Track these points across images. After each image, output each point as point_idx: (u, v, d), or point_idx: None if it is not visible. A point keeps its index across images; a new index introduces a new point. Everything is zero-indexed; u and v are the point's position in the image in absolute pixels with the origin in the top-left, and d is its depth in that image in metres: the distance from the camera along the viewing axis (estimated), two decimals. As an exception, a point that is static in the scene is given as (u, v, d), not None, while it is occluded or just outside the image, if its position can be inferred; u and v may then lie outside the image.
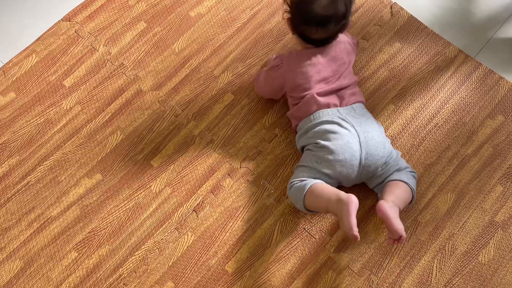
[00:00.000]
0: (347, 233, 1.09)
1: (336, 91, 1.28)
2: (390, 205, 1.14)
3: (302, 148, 1.32)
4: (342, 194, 1.13)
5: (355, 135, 1.22)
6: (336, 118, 1.25)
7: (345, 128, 1.23)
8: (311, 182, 1.21)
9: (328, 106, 1.27)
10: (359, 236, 1.08)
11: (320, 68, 1.28)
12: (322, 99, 1.27)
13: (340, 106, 1.27)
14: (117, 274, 1.26)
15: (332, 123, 1.24)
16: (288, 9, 1.27)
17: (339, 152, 1.21)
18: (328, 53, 1.29)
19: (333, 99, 1.27)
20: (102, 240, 1.29)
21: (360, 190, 1.32)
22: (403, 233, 1.12)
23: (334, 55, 1.29)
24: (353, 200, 1.10)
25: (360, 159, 1.21)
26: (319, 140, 1.24)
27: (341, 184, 1.27)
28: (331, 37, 1.28)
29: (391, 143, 1.38)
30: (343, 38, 1.33)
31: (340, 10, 1.21)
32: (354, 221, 1.08)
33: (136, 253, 1.28)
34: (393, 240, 1.14)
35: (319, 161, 1.23)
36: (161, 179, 1.36)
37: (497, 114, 1.43)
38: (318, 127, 1.25)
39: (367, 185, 1.30)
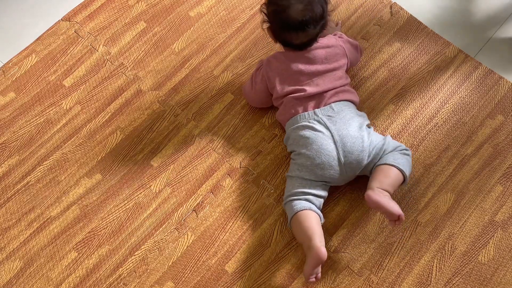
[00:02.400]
0: (304, 275, 1.16)
1: (314, 95, 1.27)
2: (376, 192, 1.15)
3: (290, 153, 1.33)
4: (315, 244, 1.13)
5: (329, 136, 1.22)
6: (312, 121, 1.25)
7: (319, 130, 1.23)
8: (298, 207, 1.21)
9: (305, 109, 1.27)
10: (312, 282, 1.17)
11: (295, 70, 1.28)
12: (299, 102, 1.27)
13: (318, 108, 1.27)
14: (117, 274, 1.26)
15: (306, 128, 1.25)
16: (266, 18, 1.27)
17: (315, 156, 1.21)
18: (307, 57, 1.28)
19: (310, 102, 1.27)
20: (102, 240, 1.29)
21: (360, 190, 1.32)
22: (400, 212, 1.13)
23: (312, 58, 1.28)
24: (320, 256, 1.12)
25: (339, 158, 1.21)
26: (296, 148, 1.26)
27: (332, 185, 1.27)
28: (313, 40, 1.27)
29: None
30: (331, 41, 1.31)
31: (316, 11, 1.20)
32: (311, 273, 1.14)
33: (136, 253, 1.28)
34: (393, 221, 1.16)
35: (300, 169, 1.24)
36: (161, 179, 1.36)
37: (497, 114, 1.43)
38: (295, 133, 1.26)
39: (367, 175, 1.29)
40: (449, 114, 1.43)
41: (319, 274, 1.18)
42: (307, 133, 1.24)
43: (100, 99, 1.46)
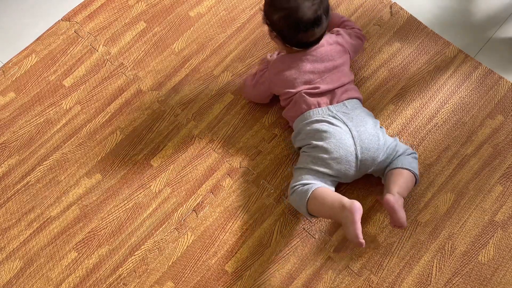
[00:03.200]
0: (352, 241, 1.09)
1: (326, 92, 1.28)
2: (396, 197, 1.17)
3: (299, 149, 1.32)
4: (346, 200, 1.12)
5: (347, 131, 1.22)
6: (327, 116, 1.25)
7: (336, 125, 1.23)
8: (313, 186, 1.20)
9: (318, 104, 1.27)
10: (364, 243, 1.08)
11: (304, 71, 1.28)
12: (311, 98, 1.27)
13: (331, 104, 1.27)
14: (117, 274, 1.26)
15: (322, 122, 1.24)
16: (272, 28, 1.26)
17: (334, 150, 1.21)
18: (314, 55, 1.28)
19: (323, 98, 1.27)
20: (101, 240, 1.29)
21: (360, 189, 1.32)
22: (405, 223, 1.16)
23: (320, 56, 1.28)
24: (357, 207, 1.09)
25: (356, 154, 1.21)
26: (312, 141, 1.25)
27: (340, 181, 1.27)
28: (324, 32, 1.28)
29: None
30: (332, 39, 1.32)
31: (324, 2, 1.22)
32: (359, 229, 1.08)
33: (135, 253, 1.28)
34: (394, 226, 1.18)
35: (314, 161, 1.23)
36: (161, 179, 1.36)
37: (496, 114, 1.43)
38: (309, 127, 1.26)
39: (373, 174, 1.30)
40: (449, 114, 1.43)
41: (363, 240, 1.09)
42: (325, 126, 1.23)
43: (100, 99, 1.46)
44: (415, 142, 1.39)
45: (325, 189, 1.19)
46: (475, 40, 1.55)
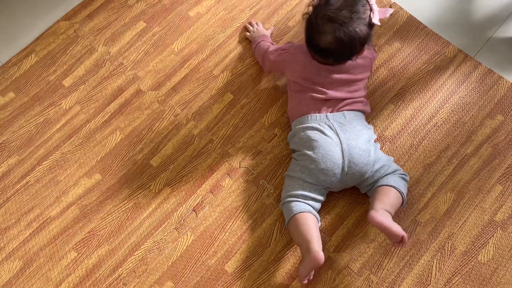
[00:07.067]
0: (299, 275, 1.17)
1: (331, 99, 1.27)
2: (380, 213, 1.14)
3: (293, 151, 1.32)
4: (314, 246, 1.13)
5: (337, 143, 1.21)
6: (322, 125, 1.24)
7: (328, 136, 1.22)
8: (297, 209, 1.21)
9: (318, 110, 1.26)
10: (305, 284, 1.21)
11: (319, 73, 1.27)
12: (314, 103, 1.27)
13: (331, 112, 1.26)
14: (117, 274, 1.26)
15: (316, 130, 1.24)
16: (306, 15, 1.25)
17: (320, 161, 1.21)
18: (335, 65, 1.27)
19: (326, 104, 1.27)
20: (101, 240, 1.29)
21: (359, 190, 1.32)
22: (403, 233, 1.12)
23: (340, 67, 1.27)
24: (318, 260, 1.12)
25: (343, 167, 1.21)
26: (302, 148, 1.25)
27: (330, 190, 1.27)
28: (336, 60, 1.24)
29: (390, 143, 1.38)
30: (365, 52, 1.28)
31: (349, 37, 1.17)
32: (307, 275, 1.16)
33: (135, 253, 1.28)
34: (397, 243, 1.14)
35: (302, 170, 1.24)
36: (161, 179, 1.36)
37: (496, 114, 1.43)
38: (303, 133, 1.26)
39: (359, 189, 1.30)
40: (448, 114, 1.43)
41: (312, 277, 1.20)
42: (316, 135, 1.23)
43: (100, 99, 1.46)
44: (415, 142, 1.39)
45: (305, 218, 1.19)
46: (475, 39, 1.55)
